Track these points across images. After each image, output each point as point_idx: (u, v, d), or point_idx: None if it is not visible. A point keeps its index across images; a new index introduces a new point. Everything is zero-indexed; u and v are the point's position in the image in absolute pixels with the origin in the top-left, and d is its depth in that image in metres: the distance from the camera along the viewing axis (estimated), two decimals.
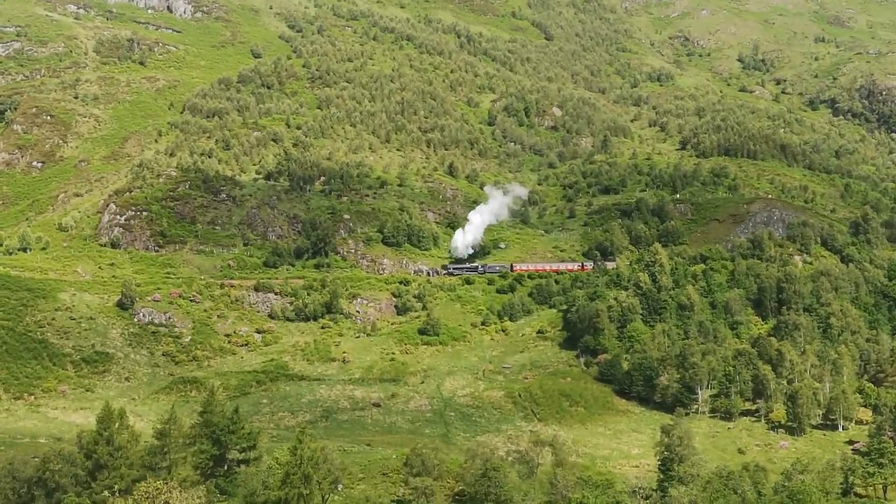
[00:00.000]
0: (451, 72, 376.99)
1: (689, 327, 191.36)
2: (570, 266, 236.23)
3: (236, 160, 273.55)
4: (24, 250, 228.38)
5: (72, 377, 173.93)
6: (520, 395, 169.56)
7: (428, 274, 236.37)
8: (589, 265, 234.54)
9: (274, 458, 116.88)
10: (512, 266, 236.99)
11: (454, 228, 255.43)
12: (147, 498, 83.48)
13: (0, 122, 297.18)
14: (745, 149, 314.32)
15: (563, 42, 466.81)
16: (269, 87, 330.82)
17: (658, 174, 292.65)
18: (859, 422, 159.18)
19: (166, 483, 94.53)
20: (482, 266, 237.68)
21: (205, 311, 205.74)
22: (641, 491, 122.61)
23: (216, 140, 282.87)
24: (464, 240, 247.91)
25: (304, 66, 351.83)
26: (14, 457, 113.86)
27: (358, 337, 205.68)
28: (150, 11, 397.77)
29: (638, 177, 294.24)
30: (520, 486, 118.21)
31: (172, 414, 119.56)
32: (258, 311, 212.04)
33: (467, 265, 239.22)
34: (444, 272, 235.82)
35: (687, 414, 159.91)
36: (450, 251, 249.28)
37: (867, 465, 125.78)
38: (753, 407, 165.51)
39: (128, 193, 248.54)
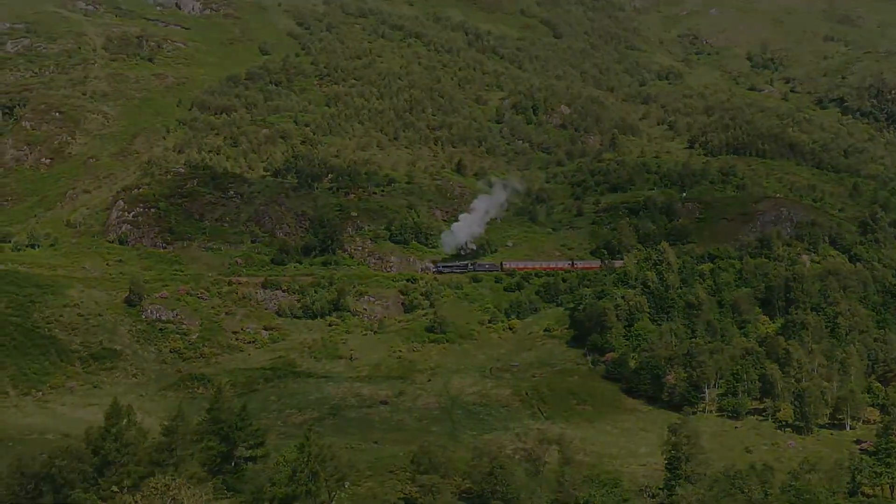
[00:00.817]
0: (460, 69, 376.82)
1: (697, 326, 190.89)
2: (560, 265, 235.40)
3: (244, 157, 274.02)
4: (33, 247, 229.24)
5: (80, 373, 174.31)
6: (527, 394, 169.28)
7: (434, 271, 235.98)
8: (579, 263, 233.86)
9: (281, 455, 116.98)
10: (502, 264, 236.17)
11: None
12: (156, 494, 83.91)
13: (9, 119, 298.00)
14: (754, 147, 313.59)
15: (571, 40, 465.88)
16: (277, 85, 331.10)
17: (666, 173, 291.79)
18: (867, 421, 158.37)
19: (174, 479, 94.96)
20: (471, 264, 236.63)
21: (212, 308, 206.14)
22: (648, 490, 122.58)
23: (224, 137, 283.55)
24: (469, 227, 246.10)
25: (312, 64, 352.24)
26: (22, 453, 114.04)
27: (365, 334, 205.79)
28: (158, 9, 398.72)
29: (646, 175, 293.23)
30: (527, 485, 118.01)
31: (180, 411, 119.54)
32: (266, 309, 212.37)
33: (458, 263, 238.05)
34: (434, 269, 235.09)
35: (694, 413, 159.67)
36: (450, 233, 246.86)
37: (875, 464, 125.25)
38: (761, 406, 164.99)
39: (136, 190, 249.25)
